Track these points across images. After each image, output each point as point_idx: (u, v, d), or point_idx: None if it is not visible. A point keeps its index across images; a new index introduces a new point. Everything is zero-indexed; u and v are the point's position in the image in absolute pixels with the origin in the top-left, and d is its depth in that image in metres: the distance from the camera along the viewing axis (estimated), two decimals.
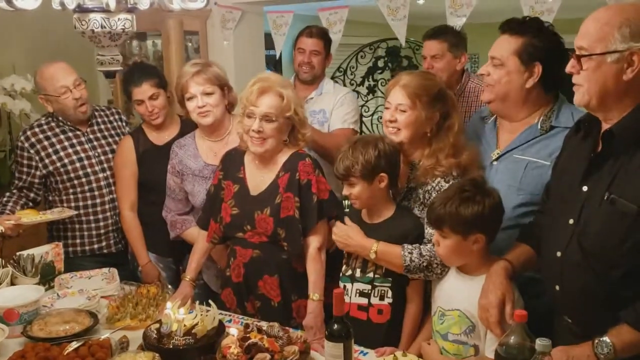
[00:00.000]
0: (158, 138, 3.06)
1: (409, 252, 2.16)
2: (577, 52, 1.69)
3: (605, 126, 1.74)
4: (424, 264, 2.14)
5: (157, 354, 1.97)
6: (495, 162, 2.29)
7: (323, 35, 3.51)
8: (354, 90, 5.37)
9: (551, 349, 1.43)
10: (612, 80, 1.65)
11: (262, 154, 2.44)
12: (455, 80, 3.24)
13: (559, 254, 1.80)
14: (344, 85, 5.28)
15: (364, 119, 5.36)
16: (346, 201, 2.59)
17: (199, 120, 2.76)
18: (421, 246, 2.18)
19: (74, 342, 2.06)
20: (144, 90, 2.94)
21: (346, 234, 2.29)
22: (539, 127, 2.22)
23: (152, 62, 4.20)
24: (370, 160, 2.19)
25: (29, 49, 4.04)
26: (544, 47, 2.15)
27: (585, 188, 1.75)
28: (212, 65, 2.82)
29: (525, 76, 2.18)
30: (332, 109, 3.41)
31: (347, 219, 2.33)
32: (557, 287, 1.83)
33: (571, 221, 1.77)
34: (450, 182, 2.19)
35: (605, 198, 1.68)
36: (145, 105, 2.96)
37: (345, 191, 2.27)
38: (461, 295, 2.00)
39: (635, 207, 1.61)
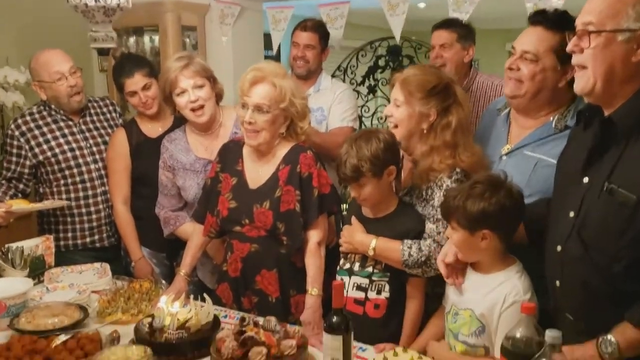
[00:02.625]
0: (152, 130, 2.99)
1: (407, 247, 2.10)
2: (582, 28, 1.60)
3: (607, 114, 1.67)
4: (422, 259, 2.08)
5: (148, 348, 1.89)
6: (504, 157, 2.22)
7: (318, 28, 3.42)
8: (354, 89, 5.31)
9: (561, 341, 1.36)
10: (620, 61, 1.57)
11: (257, 147, 2.37)
12: (464, 74, 3.18)
13: (559, 248, 1.74)
14: None
15: (363, 119, 5.31)
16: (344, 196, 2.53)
17: (193, 118, 2.68)
18: (421, 241, 2.11)
19: (62, 335, 1.99)
20: (137, 80, 2.88)
21: (349, 232, 2.23)
22: (553, 125, 2.14)
23: (149, 57, 4.11)
24: (378, 154, 2.10)
25: (22, 41, 3.99)
26: None
27: (585, 179, 1.69)
28: (196, 57, 2.75)
29: (559, 74, 2.09)
30: (330, 106, 3.33)
31: (353, 219, 2.26)
32: (558, 283, 1.76)
33: (572, 214, 1.70)
34: (454, 179, 2.11)
35: (604, 189, 1.61)
36: (138, 96, 2.90)
37: (354, 193, 2.18)
38: (473, 294, 1.93)
39: (634, 198, 1.54)
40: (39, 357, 1.87)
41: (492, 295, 1.87)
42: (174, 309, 2.01)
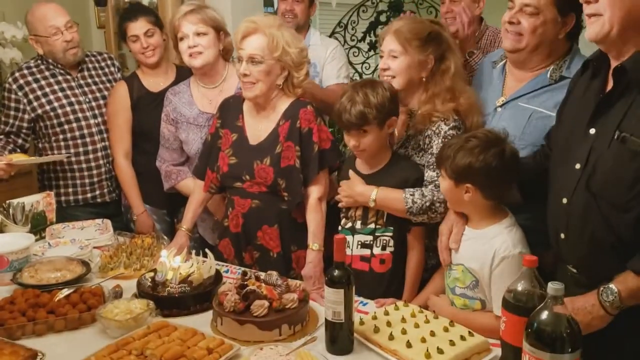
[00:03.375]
0: (153, 85, 2.96)
1: (410, 195, 2.10)
2: None
3: (615, 64, 1.64)
4: (427, 204, 2.09)
5: (151, 302, 1.91)
6: (499, 109, 2.21)
7: None
8: (354, 46, 5.23)
9: (564, 294, 1.36)
10: (638, 6, 1.54)
11: (254, 100, 2.35)
12: (475, 28, 3.12)
13: (564, 200, 1.73)
14: (345, 41, 5.14)
15: (364, 76, 5.24)
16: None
17: (189, 61, 2.65)
18: (422, 188, 2.12)
19: (64, 289, 2.00)
20: (140, 25, 2.86)
21: (348, 186, 2.22)
22: (548, 76, 2.13)
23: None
24: (385, 103, 2.10)
25: None
26: None
27: (592, 130, 1.67)
28: (208, 7, 2.71)
29: (559, 26, 2.06)
30: (323, 63, 3.31)
31: (351, 173, 2.25)
32: (563, 235, 1.76)
33: (577, 166, 1.69)
34: (451, 125, 2.12)
35: (615, 137, 1.59)
36: (140, 42, 2.87)
37: (354, 141, 2.15)
38: (464, 249, 1.94)
39: None
40: (42, 311, 1.88)
41: (481, 251, 1.88)
42: (175, 263, 2.02)
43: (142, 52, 2.89)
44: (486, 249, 1.86)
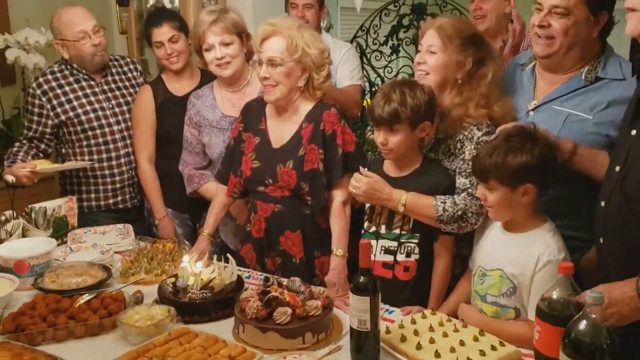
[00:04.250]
0: (178, 89, 2.94)
1: (442, 202, 2.03)
2: None
3: None
4: (459, 212, 2.01)
5: (172, 308, 1.88)
6: (532, 112, 2.13)
7: None
8: (377, 50, 5.18)
9: (603, 302, 1.30)
10: None
11: (275, 103, 2.32)
12: (505, 26, 3.06)
13: (602, 203, 1.69)
14: (366, 45, 5.09)
15: (386, 80, 5.19)
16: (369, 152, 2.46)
17: (217, 72, 2.64)
18: (454, 196, 2.05)
19: (85, 295, 1.98)
20: (164, 31, 2.84)
21: (369, 185, 2.13)
22: (583, 77, 2.05)
23: None
24: (421, 106, 2.04)
25: (42, 2, 3.92)
26: None
27: (633, 132, 1.62)
28: (229, 11, 2.68)
29: (592, 25, 1.98)
30: (336, 66, 3.27)
31: (363, 169, 2.17)
32: (602, 240, 1.71)
33: (617, 168, 1.64)
34: (484, 131, 2.05)
35: None
36: (165, 48, 2.85)
37: (381, 139, 2.08)
38: (503, 254, 1.87)
39: None
40: (63, 316, 1.86)
41: (524, 255, 1.81)
42: (197, 269, 1.99)
43: (166, 57, 2.87)
44: (529, 253, 1.80)
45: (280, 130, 2.38)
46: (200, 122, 2.71)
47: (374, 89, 4.98)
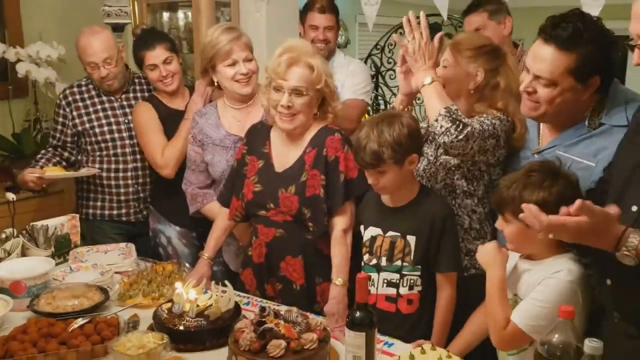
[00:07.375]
0: (174, 105, 2.96)
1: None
2: None
3: None
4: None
5: (165, 335, 1.84)
6: (536, 156, 2.08)
7: (334, 7, 3.36)
8: (391, 69, 5.15)
9: (602, 353, 1.24)
10: None
11: (292, 131, 2.28)
12: (508, 48, 3.02)
13: None
14: (381, 64, 5.07)
15: None
16: None
17: (238, 88, 2.60)
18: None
19: (79, 319, 1.95)
20: (158, 54, 2.84)
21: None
22: (586, 124, 1.97)
23: (182, 34, 4.07)
24: (401, 141, 1.99)
25: (56, 16, 3.95)
26: (602, 55, 1.84)
27: None
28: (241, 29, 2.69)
29: (581, 91, 1.89)
30: (343, 80, 3.25)
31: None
32: (609, 282, 1.65)
33: (634, 208, 1.56)
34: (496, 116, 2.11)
35: None
36: (159, 70, 2.86)
37: (372, 180, 2.07)
38: (521, 281, 1.85)
39: None
40: (54, 342, 1.83)
41: (539, 276, 1.77)
42: (191, 296, 1.95)
43: (161, 79, 2.89)
44: (545, 273, 1.76)
45: (285, 154, 2.34)
46: (204, 140, 2.68)
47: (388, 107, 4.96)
